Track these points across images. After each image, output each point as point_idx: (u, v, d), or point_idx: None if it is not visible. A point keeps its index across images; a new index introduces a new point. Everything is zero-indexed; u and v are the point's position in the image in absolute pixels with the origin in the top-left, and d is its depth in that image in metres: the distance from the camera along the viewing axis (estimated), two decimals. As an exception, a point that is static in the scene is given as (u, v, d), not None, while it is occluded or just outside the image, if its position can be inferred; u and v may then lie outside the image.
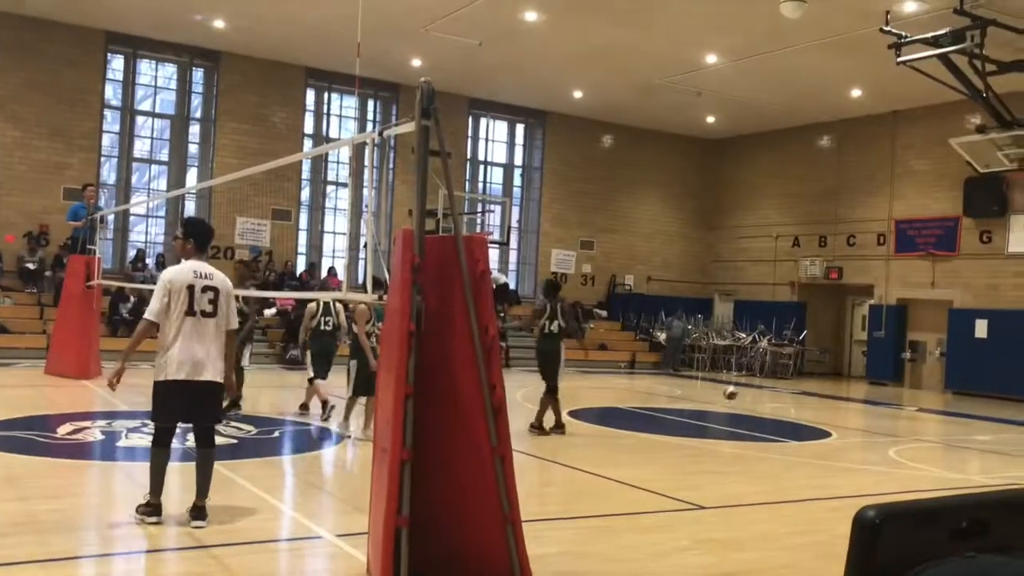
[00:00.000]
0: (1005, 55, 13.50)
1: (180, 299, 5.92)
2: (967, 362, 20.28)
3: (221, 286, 6.10)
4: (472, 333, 4.74)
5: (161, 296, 5.92)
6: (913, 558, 1.38)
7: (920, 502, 1.44)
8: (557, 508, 7.10)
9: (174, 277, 5.98)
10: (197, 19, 18.40)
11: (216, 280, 6.09)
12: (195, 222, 6.67)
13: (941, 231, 21.19)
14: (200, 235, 6.28)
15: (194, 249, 6.20)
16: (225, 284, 6.16)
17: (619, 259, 26.06)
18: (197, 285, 5.97)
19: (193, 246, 6.20)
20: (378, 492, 4.73)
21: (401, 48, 19.24)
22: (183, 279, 5.97)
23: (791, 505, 7.74)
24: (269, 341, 19.44)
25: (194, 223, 6.58)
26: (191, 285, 5.95)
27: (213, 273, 6.13)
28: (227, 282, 6.22)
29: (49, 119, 19.20)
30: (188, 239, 6.25)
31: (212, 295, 6.02)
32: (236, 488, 7.20)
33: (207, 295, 6.00)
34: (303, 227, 22.34)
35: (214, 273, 6.14)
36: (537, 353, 11.08)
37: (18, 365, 15.69)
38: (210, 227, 6.59)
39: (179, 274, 6.01)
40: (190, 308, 5.92)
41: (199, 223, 6.66)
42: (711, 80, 20.33)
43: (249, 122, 21.14)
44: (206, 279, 6.04)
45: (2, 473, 7.30)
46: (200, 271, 6.05)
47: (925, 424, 15.47)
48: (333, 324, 11.18)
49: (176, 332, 5.87)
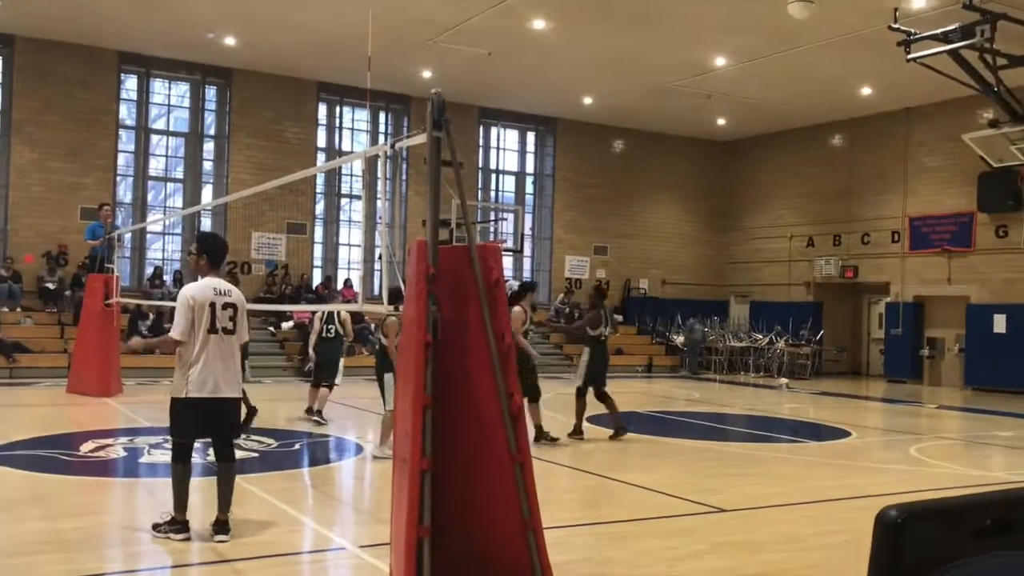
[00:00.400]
0: (1016, 48, 13.44)
1: (203, 317, 5.92)
2: (986, 358, 20.14)
3: (238, 302, 6.16)
4: (488, 341, 4.75)
5: (186, 313, 5.92)
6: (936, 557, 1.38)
7: (943, 500, 1.44)
8: (578, 514, 7.10)
9: (196, 295, 5.97)
10: (209, 37, 18.55)
11: (234, 296, 6.15)
12: (209, 238, 6.63)
13: (956, 227, 21.06)
14: (214, 251, 6.27)
15: (208, 265, 6.20)
16: (241, 300, 6.23)
17: (633, 263, 26.03)
18: (218, 303, 5.99)
19: (207, 262, 6.20)
20: (399, 502, 4.74)
21: (411, 60, 19.33)
22: (205, 296, 5.97)
23: (812, 506, 7.71)
24: (287, 354, 19.51)
25: (208, 239, 6.55)
26: (213, 303, 5.97)
27: (231, 290, 6.17)
28: (242, 298, 6.29)
29: (65, 140, 19.39)
30: (202, 255, 6.24)
31: (232, 312, 6.06)
32: (257, 501, 7.24)
33: (227, 312, 6.03)
34: (318, 240, 22.44)
35: (231, 289, 6.19)
36: (591, 358, 11.18)
37: (40, 384, 15.82)
38: (224, 242, 6.59)
39: (201, 291, 6.00)
40: (212, 326, 5.94)
41: (213, 238, 6.65)
42: (720, 82, 20.31)
43: (262, 138, 21.28)
44: (225, 296, 6.07)
45: (28, 492, 7.37)
46: (219, 288, 6.07)
47: (945, 421, 15.36)
48: (335, 332, 11.95)
49: (200, 350, 5.89)
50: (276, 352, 19.66)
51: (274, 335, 20.07)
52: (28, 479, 7.89)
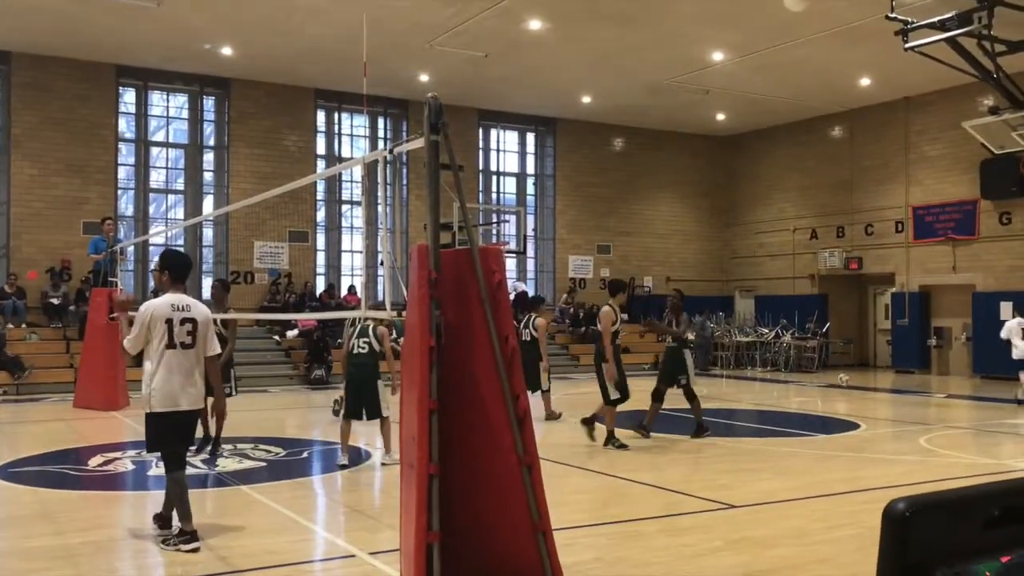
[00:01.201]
0: (1014, 34, 13.39)
1: (159, 333, 6.06)
2: (994, 346, 20.02)
3: (199, 317, 6.23)
4: (492, 344, 4.74)
5: (136, 328, 6.10)
6: (946, 549, 1.36)
7: (950, 492, 1.42)
8: (588, 515, 7.08)
9: (152, 311, 6.11)
10: (206, 48, 18.57)
11: (194, 311, 6.23)
12: (170, 255, 6.72)
13: (959, 215, 21.01)
14: (176, 267, 6.39)
15: (170, 281, 6.32)
16: (203, 314, 6.29)
17: (637, 261, 26.00)
18: (175, 318, 6.11)
19: (169, 278, 6.33)
20: (407, 508, 4.73)
21: (408, 65, 19.34)
22: (161, 312, 6.10)
23: (824, 499, 7.68)
24: (293, 363, 19.52)
25: (169, 256, 6.65)
26: (169, 319, 6.09)
27: (191, 304, 6.26)
28: (205, 312, 6.35)
29: (65, 155, 19.43)
30: (164, 271, 6.40)
31: (191, 327, 6.16)
32: (267, 510, 7.23)
33: (186, 327, 6.14)
34: (320, 247, 22.45)
35: (192, 304, 6.27)
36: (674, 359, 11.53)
37: (47, 400, 15.84)
38: (186, 258, 6.72)
39: (158, 308, 6.13)
40: (170, 341, 6.07)
41: (174, 255, 6.75)
42: (719, 78, 20.28)
43: (262, 147, 21.30)
44: (184, 311, 6.17)
45: (37, 508, 7.37)
46: (178, 304, 6.18)
47: (955, 410, 15.31)
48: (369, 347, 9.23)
49: (157, 365, 6.04)
50: (282, 361, 19.66)
51: (279, 344, 20.08)
52: (38, 495, 7.89)
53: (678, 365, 11.34)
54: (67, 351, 17.93)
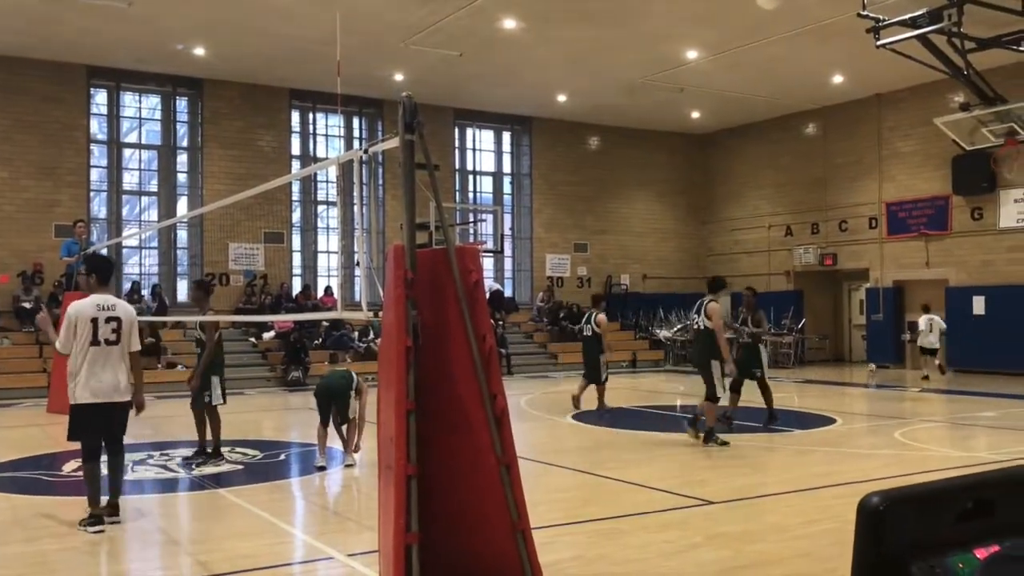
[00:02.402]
0: (983, 32, 13.54)
1: (84, 331, 6.55)
2: (967, 340, 20.30)
3: (124, 315, 6.76)
4: (470, 344, 4.73)
5: (65, 328, 6.63)
6: (920, 542, 1.37)
7: (923, 485, 1.43)
8: (567, 513, 7.08)
9: (78, 312, 6.62)
10: (178, 48, 18.41)
11: (119, 310, 6.76)
12: (94, 258, 7.44)
13: (932, 211, 21.23)
14: (100, 270, 6.98)
15: (96, 282, 6.89)
16: (127, 313, 6.82)
17: (614, 259, 26.08)
18: (100, 317, 6.62)
19: (96, 280, 6.91)
20: (385, 509, 4.71)
21: (383, 64, 19.27)
22: (87, 312, 6.61)
23: (802, 494, 7.73)
24: (270, 364, 19.41)
25: (93, 259, 7.37)
26: (95, 318, 6.59)
27: (116, 304, 6.81)
28: (130, 310, 6.89)
29: (36, 157, 19.19)
30: (91, 274, 7.04)
31: (115, 324, 6.66)
32: (244, 513, 7.18)
33: (110, 325, 6.64)
34: (296, 248, 22.33)
35: (116, 304, 6.83)
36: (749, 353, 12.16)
37: (20, 405, 15.65)
38: (108, 261, 7.32)
39: (83, 308, 6.65)
40: (94, 338, 6.56)
41: (97, 259, 7.39)
42: (693, 76, 20.37)
43: (236, 147, 21.15)
44: (109, 310, 6.69)
45: (9, 515, 7.28)
46: (103, 303, 6.70)
47: (930, 404, 15.47)
48: None
49: (82, 360, 6.53)
50: (258, 363, 19.54)
51: (255, 346, 19.96)
52: (10, 501, 7.79)
53: (753, 359, 11.99)
54: (40, 355, 17.71)
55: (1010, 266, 19.78)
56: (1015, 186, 19.39)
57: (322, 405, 9.22)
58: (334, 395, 9.16)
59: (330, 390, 9.20)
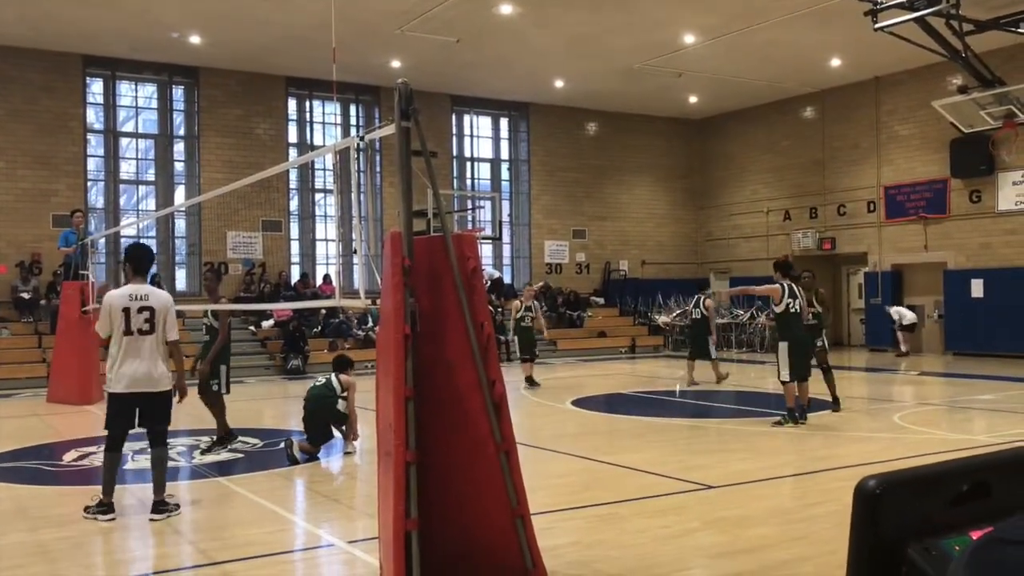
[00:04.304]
0: (981, 14, 13.51)
1: (117, 320, 6.57)
2: (965, 323, 20.33)
3: (157, 304, 6.70)
4: (468, 331, 4.73)
5: (103, 316, 6.67)
6: (917, 525, 1.37)
7: (920, 469, 1.43)
8: (566, 499, 7.10)
9: (111, 301, 6.66)
10: (174, 36, 18.33)
11: (152, 300, 6.70)
12: (130, 248, 7.28)
13: (931, 194, 21.21)
14: (135, 260, 6.91)
15: (131, 272, 6.86)
16: (161, 302, 6.75)
17: (612, 245, 26.06)
18: (132, 307, 6.60)
19: (130, 269, 6.89)
20: (385, 496, 4.73)
21: (379, 51, 19.20)
22: (120, 302, 6.62)
23: (800, 478, 7.75)
24: (269, 353, 19.42)
25: (129, 249, 7.24)
26: (126, 308, 6.59)
27: (149, 293, 6.75)
28: (164, 299, 6.81)
29: (32, 147, 19.14)
30: (126, 264, 7.05)
31: (148, 314, 6.63)
32: (245, 501, 7.20)
33: (143, 315, 6.61)
34: (294, 236, 22.30)
35: (150, 293, 6.77)
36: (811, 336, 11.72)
37: (19, 396, 15.66)
38: (143, 250, 7.14)
39: (117, 298, 6.68)
40: (127, 328, 6.56)
41: (133, 248, 7.20)
42: (690, 60, 20.31)
43: (232, 136, 21.09)
44: (141, 300, 6.65)
45: (11, 504, 7.29)
46: (136, 293, 6.67)
47: (928, 388, 15.50)
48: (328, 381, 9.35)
49: (118, 350, 6.56)
50: (258, 352, 19.55)
51: (254, 334, 19.97)
52: (11, 491, 7.81)
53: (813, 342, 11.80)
54: (39, 346, 17.72)
55: (1008, 249, 19.78)
56: (1013, 169, 19.37)
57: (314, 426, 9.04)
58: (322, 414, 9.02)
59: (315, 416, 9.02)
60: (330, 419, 9.13)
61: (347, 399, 9.20)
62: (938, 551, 1.34)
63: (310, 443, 9.00)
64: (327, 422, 9.09)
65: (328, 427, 9.12)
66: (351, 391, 9.22)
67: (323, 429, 9.07)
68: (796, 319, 10.63)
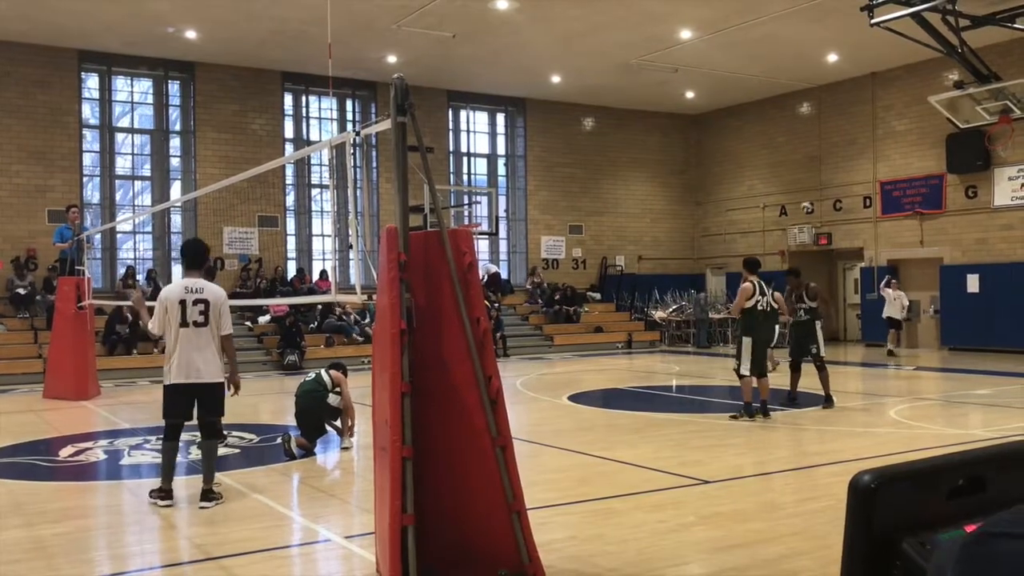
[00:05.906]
0: (977, 9, 13.51)
1: (174, 313, 6.73)
2: (961, 318, 20.36)
3: (211, 298, 6.85)
4: (464, 326, 4.73)
5: (158, 311, 6.81)
6: (912, 520, 1.37)
7: (915, 463, 1.44)
8: (562, 494, 7.11)
9: (167, 294, 6.86)
10: (169, 31, 18.29)
11: (206, 293, 6.85)
12: (184, 244, 7.58)
13: (926, 189, 21.23)
14: (188, 255, 7.17)
15: (185, 267, 7.13)
16: (215, 296, 6.90)
17: (609, 241, 26.07)
18: (188, 299, 6.76)
19: (185, 264, 7.16)
20: (381, 492, 4.73)
21: (375, 46, 19.16)
22: (175, 295, 6.80)
23: (795, 473, 7.77)
24: (265, 348, 19.40)
25: (183, 245, 7.57)
26: (183, 300, 6.75)
27: (204, 287, 6.90)
28: (218, 293, 6.97)
29: (27, 143, 19.09)
30: (182, 259, 7.29)
31: (203, 307, 6.78)
32: (242, 497, 7.20)
33: (198, 307, 6.76)
34: (291, 232, 22.27)
35: (205, 287, 6.91)
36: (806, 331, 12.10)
37: (16, 391, 15.63)
38: (196, 245, 7.40)
39: (172, 291, 6.89)
40: (183, 320, 6.72)
41: (187, 244, 7.53)
42: (687, 56, 20.29)
43: (229, 131, 21.05)
44: (196, 293, 6.81)
45: (7, 500, 7.29)
46: (191, 287, 6.84)
47: (924, 383, 15.53)
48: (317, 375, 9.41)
49: (174, 342, 6.73)
50: (254, 347, 19.53)
51: (251, 330, 19.94)
52: (7, 486, 7.80)
53: (809, 337, 11.98)
54: (35, 341, 17.69)
55: (1004, 244, 19.82)
56: (1009, 164, 19.39)
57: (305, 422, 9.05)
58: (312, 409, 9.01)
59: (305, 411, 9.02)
60: (321, 414, 9.12)
61: (340, 394, 9.19)
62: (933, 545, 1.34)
63: (304, 438, 9.00)
64: (319, 417, 9.09)
65: (320, 422, 9.11)
66: (343, 385, 9.22)
67: (315, 424, 9.07)
68: (763, 316, 10.77)
